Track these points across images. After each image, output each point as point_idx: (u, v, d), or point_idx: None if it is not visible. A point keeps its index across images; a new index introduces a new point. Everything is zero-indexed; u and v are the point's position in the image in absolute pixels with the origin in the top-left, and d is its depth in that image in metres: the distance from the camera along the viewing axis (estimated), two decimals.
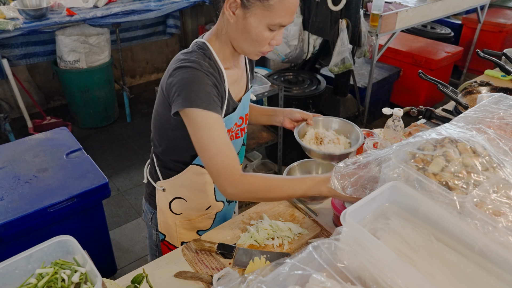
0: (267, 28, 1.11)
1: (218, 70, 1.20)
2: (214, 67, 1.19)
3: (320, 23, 3.25)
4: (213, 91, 1.15)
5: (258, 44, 1.15)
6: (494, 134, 1.13)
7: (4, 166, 2.08)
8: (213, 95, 1.14)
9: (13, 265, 0.96)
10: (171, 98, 1.17)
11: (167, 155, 1.37)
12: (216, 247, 1.32)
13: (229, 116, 1.28)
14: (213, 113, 1.13)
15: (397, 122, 1.61)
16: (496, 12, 4.98)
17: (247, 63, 1.40)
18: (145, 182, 1.51)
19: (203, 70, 1.14)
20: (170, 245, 1.53)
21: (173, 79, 1.15)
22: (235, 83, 1.30)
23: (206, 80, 1.13)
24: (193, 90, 1.11)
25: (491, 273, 0.87)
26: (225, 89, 1.23)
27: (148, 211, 1.53)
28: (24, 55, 3.59)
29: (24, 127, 3.67)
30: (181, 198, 1.43)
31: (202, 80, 1.13)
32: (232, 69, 1.28)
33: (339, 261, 0.87)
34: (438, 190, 0.96)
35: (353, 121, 3.79)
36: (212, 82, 1.15)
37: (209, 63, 1.18)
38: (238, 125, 1.37)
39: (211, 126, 1.13)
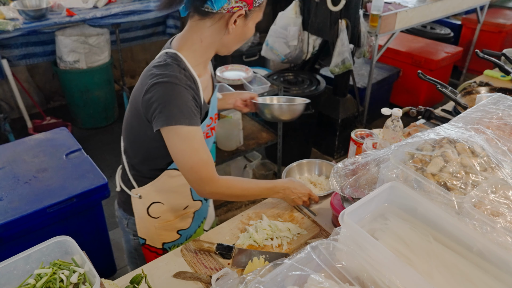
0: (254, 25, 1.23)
1: (193, 80, 1.22)
2: (190, 78, 1.21)
3: (320, 24, 3.25)
4: (193, 104, 1.19)
5: (242, 41, 1.24)
6: (492, 135, 1.14)
7: (3, 166, 2.08)
8: (194, 108, 1.19)
9: (12, 266, 0.96)
10: (150, 115, 1.18)
11: (143, 165, 1.39)
12: (215, 248, 1.32)
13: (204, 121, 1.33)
14: (194, 127, 1.18)
15: (396, 123, 1.61)
16: (496, 13, 4.98)
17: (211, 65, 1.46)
18: (118, 191, 1.51)
19: (182, 84, 1.15)
20: (152, 247, 1.53)
21: (151, 96, 1.16)
22: (206, 88, 1.34)
23: (186, 94, 1.16)
24: (175, 107, 1.14)
25: (490, 274, 0.87)
26: (201, 98, 1.26)
27: (123, 217, 1.53)
28: (24, 55, 3.59)
29: (24, 127, 3.67)
30: (158, 202, 1.45)
31: (182, 95, 1.15)
32: (203, 75, 1.30)
33: (338, 262, 0.87)
34: (437, 191, 0.97)
35: (352, 122, 3.77)
36: (191, 95, 1.19)
37: (185, 74, 1.19)
38: (208, 125, 1.40)
39: (193, 139, 1.19)
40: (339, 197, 1.42)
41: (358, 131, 1.68)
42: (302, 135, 3.48)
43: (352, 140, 1.66)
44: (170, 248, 1.55)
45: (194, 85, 1.22)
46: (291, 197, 1.45)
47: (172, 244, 1.54)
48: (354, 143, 1.66)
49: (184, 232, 1.55)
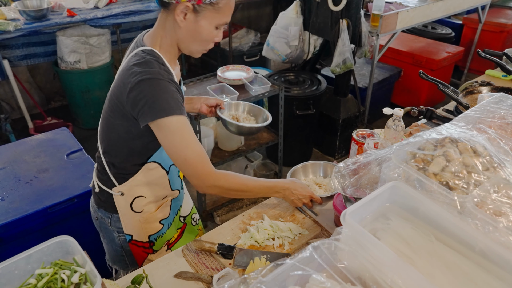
0: (215, 28, 1.22)
1: (172, 75, 1.26)
2: (169, 72, 1.25)
3: (321, 24, 3.24)
4: (178, 96, 1.22)
5: (206, 43, 1.25)
6: (494, 134, 1.13)
7: (4, 166, 2.08)
8: (180, 100, 1.22)
9: (13, 266, 0.96)
10: (137, 112, 1.20)
11: (125, 162, 1.40)
12: (216, 248, 1.32)
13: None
14: (184, 117, 1.21)
15: (397, 122, 1.60)
16: (497, 12, 4.97)
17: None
18: (97, 191, 1.50)
19: (165, 79, 1.19)
20: (139, 242, 1.53)
21: (138, 93, 1.18)
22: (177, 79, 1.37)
23: (171, 87, 1.20)
24: (163, 100, 1.17)
25: (492, 273, 0.87)
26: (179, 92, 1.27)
27: (104, 216, 1.52)
28: (25, 56, 3.59)
29: (25, 127, 3.67)
30: (140, 196, 1.46)
31: (168, 89, 1.19)
32: (175, 70, 1.33)
33: (339, 262, 0.87)
34: (439, 190, 0.96)
35: (353, 122, 3.77)
36: (175, 88, 1.22)
37: (165, 69, 1.23)
38: None
39: (183, 129, 1.21)
40: (342, 198, 1.41)
41: (360, 131, 1.68)
42: (303, 135, 3.47)
43: (354, 140, 1.66)
44: (155, 239, 1.55)
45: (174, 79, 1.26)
46: (290, 198, 1.45)
47: (157, 234, 1.55)
48: (355, 143, 1.66)
49: (165, 222, 1.56)
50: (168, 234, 1.60)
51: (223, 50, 4.26)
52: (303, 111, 3.26)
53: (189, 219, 1.74)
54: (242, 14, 4.96)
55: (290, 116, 3.21)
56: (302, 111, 3.25)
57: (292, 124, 3.31)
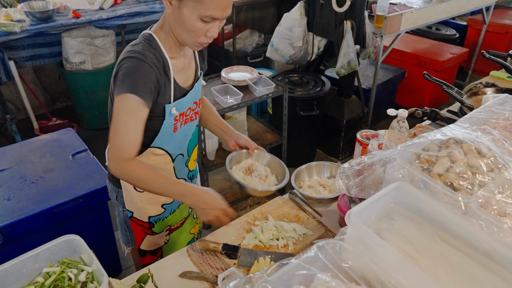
0: (200, 19, 1.17)
1: (163, 60, 1.28)
2: (159, 58, 1.27)
3: (325, 25, 3.25)
4: (151, 83, 1.23)
5: (194, 34, 1.21)
6: (499, 135, 1.13)
7: (10, 166, 2.09)
8: (150, 87, 1.23)
9: (21, 264, 0.97)
10: (115, 85, 1.25)
11: None
12: (221, 248, 1.32)
13: (180, 101, 1.36)
14: (139, 103, 1.22)
15: (401, 123, 1.61)
16: (502, 13, 4.96)
17: (196, 52, 1.48)
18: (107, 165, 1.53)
19: (147, 61, 1.22)
20: (139, 220, 1.56)
21: (118, 69, 1.24)
22: (182, 71, 1.38)
23: (149, 72, 1.22)
24: (134, 78, 1.20)
25: (496, 274, 0.87)
26: (169, 77, 1.31)
27: (112, 190, 1.58)
28: (30, 56, 3.61)
29: (30, 128, 3.69)
30: None
31: (144, 70, 1.22)
32: (177, 58, 1.35)
33: (344, 261, 0.88)
34: (443, 191, 0.97)
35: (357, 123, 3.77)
36: (155, 74, 1.24)
37: (154, 53, 1.26)
38: (193, 109, 1.46)
39: (132, 112, 1.23)
40: (346, 199, 1.42)
41: (364, 132, 1.68)
42: (307, 136, 3.48)
43: (358, 141, 1.67)
44: (155, 221, 1.58)
45: (163, 64, 1.28)
46: (201, 206, 1.32)
47: (157, 217, 1.57)
48: (359, 144, 1.66)
49: (168, 207, 1.58)
50: (170, 219, 1.62)
51: (227, 51, 4.27)
52: (307, 112, 3.26)
53: (193, 211, 1.77)
54: (246, 15, 4.97)
55: (294, 117, 3.22)
56: (306, 112, 3.26)
57: (296, 125, 3.31)
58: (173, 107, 1.34)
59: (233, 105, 2.55)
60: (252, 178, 1.51)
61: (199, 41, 1.25)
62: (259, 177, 1.51)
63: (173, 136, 1.42)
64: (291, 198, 1.60)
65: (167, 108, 1.32)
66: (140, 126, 1.27)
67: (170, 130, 1.39)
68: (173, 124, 1.39)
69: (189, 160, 1.58)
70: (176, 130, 1.41)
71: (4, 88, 3.74)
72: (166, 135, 1.39)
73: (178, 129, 1.42)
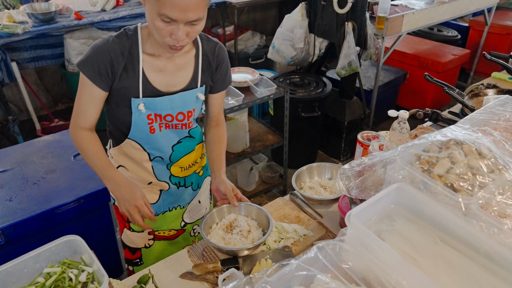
0: (159, 17, 1.13)
1: (132, 51, 1.29)
2: (127, 48, 1.28)
3: (326, 26, 3.25)
4: (101, 65, 1.25)
5: (157, 33, 1.18)
6: (500, 136, 1.13)
7: (12, 167, 2.10)
8: (99, 69, 1.26)
9: (22, 264, 0.98)
10: None
11: (115, 131, 1.46)
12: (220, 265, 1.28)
13: (151, 100, 1.33)
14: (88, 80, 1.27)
15: (402, 125, 1.61)
16: (504, 15, 4.95)
17: (200, 64, 1.40)
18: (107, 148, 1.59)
19: (107, 46, 1.26)
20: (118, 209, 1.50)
21: None
22: (162, 73, 1.34)
23: (101, 54, 1.25)
24: (86, 56, 1.26)
25: (497, 275, 0.87)
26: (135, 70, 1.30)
27: None
28: (33, 58, 3.63)
29: (32, 129, 3.70)
30: (123, 167, 1.51)
31: (99, 51, 1.25)
32: (158, 57, 1.32)
33: (344, 262, 0.88)
34: (443, 192, 0.97)
35: (359, 124, 3.75)
36: (109, 58, 1.26)
37: (125, 43, 1.28)
38: (179, 119, 1.41)
39: (83, 85, 1.29)
40: (347, 200, 1.42)
41: (365, 133, 1.68)
42: (308, 138, 3.48)
43: (359, 142, 1.67)
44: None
45: (130, 56, 1.28)
46: (116, 196, 1.32)
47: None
48: (360, 145, 1.66)
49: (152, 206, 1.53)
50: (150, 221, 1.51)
51: (228, 53, 4.27)
52: (308, 113, 3.26)
53: (190, 228, 1.72)
54: (248, 16, 4.98)
55: (295, 118, 3.22)
56: (307, 113, 3.26)
57: (297, 126, 3.31)
58: (141, 103, 1.32)
59: (234, 106, 2.55)
60: (233, 235, 1.36)
61: (165, 41, 1.19)
62: (241, 233, 1.37)
63: (150, 136, 1.41)
64: (292, 199, 1.60)
65: (133, 102, 1.31)
66: (91, 101, 1.31)
67: (145, 129, 1.38)
68: (148, 124, 1.37)
69: (171, 165, 1.52)
70: (153, 131, 1.40)
71: (7, 89, 3.76)
72: (142, 132, 1.39)
73: (157, 131, 1.40)
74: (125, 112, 1.35)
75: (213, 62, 1.43)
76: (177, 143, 1.49)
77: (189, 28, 1.16)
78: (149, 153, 1.46)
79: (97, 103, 1.33)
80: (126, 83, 1.31)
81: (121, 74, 1.29)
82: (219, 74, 1.47)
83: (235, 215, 1.44)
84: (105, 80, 1.28)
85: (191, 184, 1.64)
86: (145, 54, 1.31)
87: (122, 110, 1.36)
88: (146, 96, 1.33)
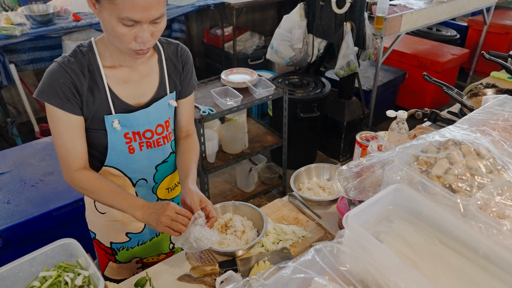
0: (119, 22, 1.05)
1: (92, 68, 1.19)
2: (85, 65, 1.18)
3: (325, 26, 3.25)
4: (64, 88, 1.14)
5: (120, 40, 1.09)
6: (498, 136, 1.12)
7: (11, 170, 2.10)
8: (64, 92, 1.15)
9: (17, 268, 0.97)
10: None
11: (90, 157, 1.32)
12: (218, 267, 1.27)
13: (125, 116, 1.24)
14: (56, 108, 1.16)
15: (401, 125, 1.60)
16: (503, 14, 4.95)
17: (165, 69, 1.32)
18: None
19: (63, 66, 1.15)
20: (101, 244, 1.49)
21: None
22: (126, 84, 1.25)
23: (61, 77, 1.14)
24: (44, 83, 1.16)
25: (496, 277, 0.86)
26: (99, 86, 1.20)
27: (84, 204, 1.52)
28: (31, 60, 3.63)
29: (31, 131, 3.70)
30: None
31: (56, 75, 1.15)
32: (120, 68, 1.23)
33: (342, 264, 0.87)
34: (442, 193, 0.96)
35: (358, 124, 3.74)
36: (70, 79, 1.15)
37: (82, 60, 1.18)
38: (158, 133, 1.33)
39: (56, 120, 1.18)
40: (346, 201, 1.41)
41: (363, 134, 1.68)
42: (308, 138, 3.47)
43: (357, 142, 1.66)
44: (118, 249, 1.48)
45: (91, 73, 1.19)
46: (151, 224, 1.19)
47: (120, 245, 1.47)
48: (359, 146, 1.66)
49: (134, 236, 1.47)
50: (138, 251, 1.51)
51: (227, 53, 4.27)
52: (308, 114, 3.26)
53: (179, 249, 1.58)
54: (247, 17, 4.98)
55: (294, 119, 3.21)
56: (306, 114, 3.25)
57: (296, 127, 3.31)
58: (115, 120, 1.22)
59: (233, 107, 2.54)
60: (227, 236, 1.35)
61: (130, 47, 1.11)
62: (235, 234, 1.36)
63: (130, 157, 1.31)
64: (291, 200, 1.59)
65: (106, 120, 1.22)
66: (73, 133, 1.20)
67: (123, 150, 1.28)
68: (126, 144, 1.27)
69: (157, 187, 1.43)
70: (133, 151, 1.30)
71: (5, 92, 3.75)
72: (120, 155, 1.29)
73: (137, 151, 1.31)
74: (99, 136, 1.25)
75: (178, 64, 1.35)
76: (162, 163, 1.40)
77: (153, 27, 1.10)
78: (130, 178, 1.35)
79: (79, 133, 1.21)
80: (94, 103, 1.20)
81: (87, 96, 1.19)
82: (185, 76, 1.38)
83: (230, 215, 1.44)
84: (75, 104, 1.18)
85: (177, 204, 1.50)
86: (106, 67, 1.21)
87: (95, 133, 1.25)
88: (118, 112, 1.24)
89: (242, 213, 1.46)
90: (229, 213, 1.45)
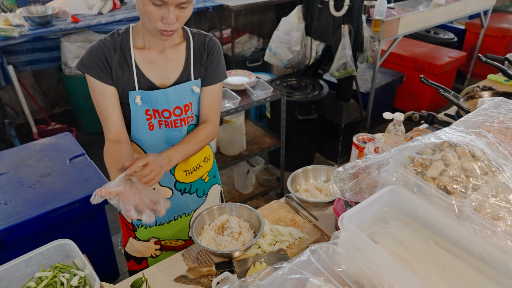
0: (150, 1, 1.17)
1: (124, 47, 1.34)
2: (118, 44, 1.33)
3: (323, 29, 3.26)
4: (97, 60, 1.30)
5: (148, 19, 1.21)
6: (493, 138, 1.13)
7: (8, 171, 2.09)
8: (97, 63, 1.30)
9: (13, 269, 0.97)
10: None
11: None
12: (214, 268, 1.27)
13: (147, 93, 1.35)
14: (92, 78, 1.31)
15: (398, 127, 1.60)
16: (500, 17, 4.97)
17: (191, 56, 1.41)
18: None
19: (100, 43, 1.32)
20: (124, 218, 1.57)
21: None
22: (152, 64, 1.37)
23: (96, 51, 1.31)
24: (83, 57, 1.32)
25: (490, 278, 0.87)
26: (129, 63, 1.33)
27: None
28: (29, 61, 3.63)
29: (29, 132, 3.70)
30: None
31: (93, 49, 1.31)
32: (149, 50, 1.36)
33: (337, 265, 0.87)
34: (437, 194, 0.96)
35: (355, 126, 3.74)
36: (102, 52, 1.31)
37: (116, 39, 1.34)
38: (176, 114, 1.41)
39: (93, 90, 1.34)
40: (343, 203, 1.41)
41: (360, 136, 1.68)
42: (305, 140, 3.48)
43: (354, 144, 1.66)
44: (138, 226, 1.56)
45: (122, 50, 1.33)
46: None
47: (139, 222, 1.55)
48: (356, 148, 1.66)
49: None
50: (156, 231, 1.57)
51: (226, 55, 4.28)
52: (305, 116, 3.26)
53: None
54: (245, 19, 4.99)
55: (292, 121, 3.22)
56: (304, 116, 3.26)
57: (294, 129, 3.31)
58: (138, 96, 1.34)
59: (231, 109, 2.55)
60: (224, 237, 1.35)
61: (156, 27, 1.22)
62: (231, 235, 1.35)
63: (150, 134, 1.41)
64: (287, 202, 1.60)
65: (130, 95, 1.34)
66: (108, 103, 1.33)
67: (144, 127, 1.39)
68: (147, 120, 1.38)
69: (174, 168, 1.49)
70: (152, 128, 1.40)
71: (3, 93, 3.75)
72: (141, 131, 1.40)
73: (156, 128, 1.41)
74: (125, 110, 1.37)
75: (204, 53, 1.43)
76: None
77: (179, 11, 1.21)
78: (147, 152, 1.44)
79: (113, 102, 1.34)
80: (123, 77, 1.33)
81: (116, 69, 1.32)
82: (210, 64, 1.45)
83: (227, 216, 1.45)
84: (107, 75, 1.32)
85: (196, 190, 1.60)
86: (136, 48, 1.35)
87: (123, 107, 1.37)
88: (141, 89, 1.36)
89: (239, 215, 1.46)
90: (226, 214, 1.46)
